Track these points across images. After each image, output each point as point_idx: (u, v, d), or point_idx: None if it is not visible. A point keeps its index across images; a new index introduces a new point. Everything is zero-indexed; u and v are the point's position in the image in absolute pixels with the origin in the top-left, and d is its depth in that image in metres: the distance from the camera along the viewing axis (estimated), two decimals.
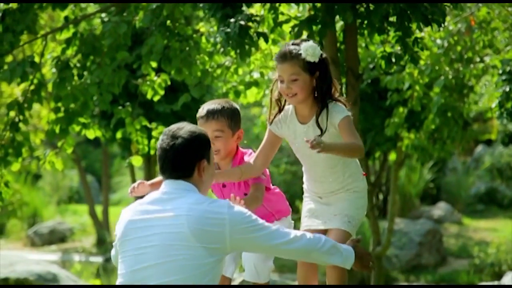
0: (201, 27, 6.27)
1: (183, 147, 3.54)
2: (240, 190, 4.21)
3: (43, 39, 6.31)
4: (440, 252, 14.25)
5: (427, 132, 8.25)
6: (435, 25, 5.13)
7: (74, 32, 6.15)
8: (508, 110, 6.83)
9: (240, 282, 5.82)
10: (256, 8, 5.90)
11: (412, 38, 5.19)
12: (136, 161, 6.31)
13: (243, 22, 4.98)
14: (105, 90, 6.02)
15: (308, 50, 3.93)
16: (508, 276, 9.27)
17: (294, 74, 3.95)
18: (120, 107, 6.46)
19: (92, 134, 6.38)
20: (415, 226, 14.36)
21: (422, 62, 7.32)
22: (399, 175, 15.15)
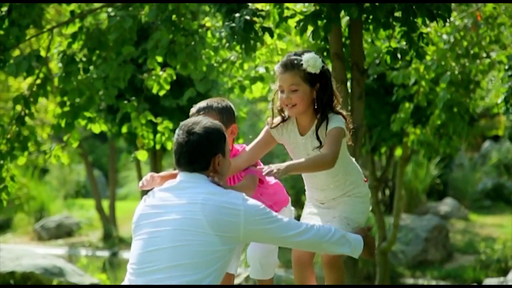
0: (206, 21, 6.27)
1: (198, 143, 3.63)
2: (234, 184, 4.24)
3: (49, 33, 6.32)
4: (447, 248, 14.23)
5: (433, 128, 8.24)
6: (440, 20, 5.12)
7: (80, 27, 6.16)
8: None
9: (245, 277, 5.84)
10: (262, 3, 5.90)
11: (417, 33, 5.18)
12: (141, 155, 6.32)
13: (248, 17, 4.98)
14: (110, 84, 6.03)
15: (309, 61, 3.92)
16: None
17: (294, 84, 3.94)
18: (125, 102, 6.47)
19: (97, 128, 6.40)
20: (421, 221, 14.34)
21: (428, 57, 7.31)
22: (406, 171, 15.15)
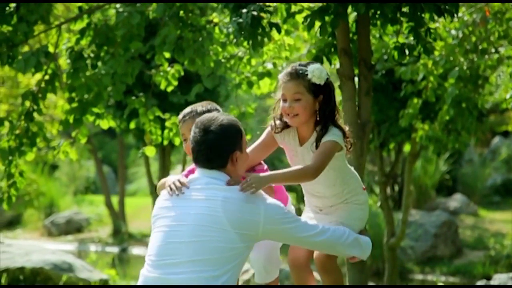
0: (214, 17, 6.27)
1: (215, 142, 3.66)
2: None
3: (58, 30, 6.33)
4: (456, 244, 14.21)
5: (441, 123, 8.21)
6: (448, 15, 5.11)
7: (88, 23, 6.17)
8: None
9: (253, 274, 5.84)
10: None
11: (424, 28, 5.17)
12: (149, 151, 6.33)
13: (255, 13, 4.97)
14: (118, 80, 6.04)
15: (314, 71, 3.91)
16: None
17: (298, 93, 3.93)
18: (133, 98, 6.48)
19: (106, 124, 6.41)
20: (430, 217, 14.32)
21: (436, 53, 7.29)
22: (415, 167, 15.13)
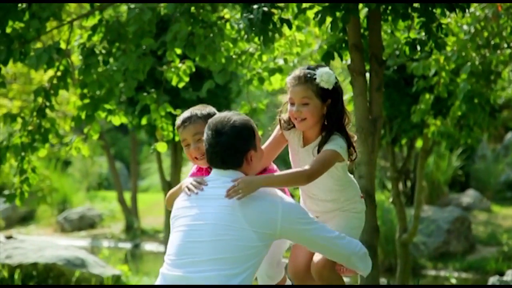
0: (225, 13, 6.27)
1: (229, 144, 3.67)
2: None
3: (69, 26, 6.36)
4: (469, 240, 14.17)
5: (453, 119, 8.19)
6: (460, 11, 5.10)
7: (99, 19, 6.18)
8: None
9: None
10: None
11: (435, 23, 5.16)
12: (161, 147, 6.34)
13: (266, 8, 4.97)
14: (130, 76, 6.05)
15: (323, 75, 3.87)
16: None
17: (306, 97, 3.90)
18: (145, 94, 6.50)
19: (117, 120, 6.42)
20: (443, 213, 14.29)
21: (448, 48, 7.27)
22: (428, 162, 15.09)
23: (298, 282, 4.20)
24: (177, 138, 6.54)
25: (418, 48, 5.44)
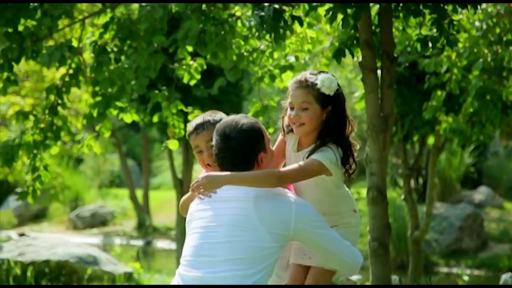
0: (236, 11, 6.27)
1: (238, 148, 3.68)
2: None
3: (81, 24, 6.37)
4: (481, 237, 14.14)
5: (465, 116, 8.17)
6: (471, 7, 5.08)
7: (111, 17, 6.20)
8: None
9: None
10: None
11: (447, 20, 5.14)
12: (172, 145, 6.35)
13: (277, 6, 4.97)
14: (141, 74, 6.06)
15: (325, 81, 3.78)
16: None
17: (306, 102, 3.79)
18: (156, 91, 6.51)
19: (129, 118, 6.44)
20: (455, 210, 14.27)
21: (460, 44, 7.25)
22: (440, 159, 15.06)
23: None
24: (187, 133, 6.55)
25: (430, 44, 5.42)
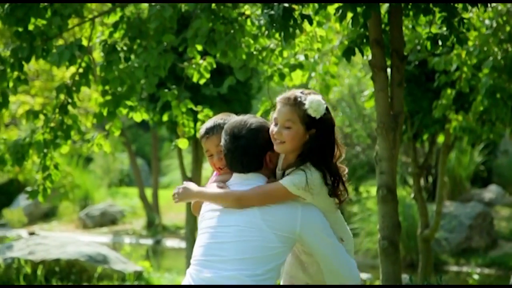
0: (246, 9, 6.27)
1: (247, 148, 3.69)
2: None
3: (91, 23, 6.39)
4: (491, 235, 14.11)
5: (475, 114, 8.15)
6: (481, 5, 5.08)
7: (121, 16, 6.21)
8: None
9: None
10: None
11: (457, 18, 5.13)
12: (182, 143, 6.36)
13: (287, 4, 4.97)
14: (151, 73, 6.06)
15: (312, 103, 3.64)
16: None
17: (290, 120, 3.65)
18: (166, 90, 6.52)
19: (139, 117, 6.45)
20: (465, 209, 14.24)
21: (470, 43, 7.23)
22: (449, 158, 15.01)
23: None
24: (198, 135, 6.56)
25: (440, 43, 5.42)
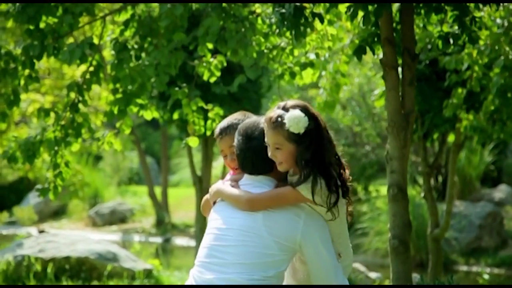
0: (257, 8, 6.27)
1: (259, 149, 3.68)
2: None
3: (102, 21, 6.40)
4: (501, 235, 14.07)
5: (486, 113, 8.12)
6: (493, 4, 5.06)
7: (132, 14, 6.22)
8: None
9: None
10: None
11: (469, 17, 5.12)
12: (192, 142, 6.36)
13: (298, 3, 4.96)
14: (162, 71, 6.07)
15: (291, 121, 3.60)
16: None
17: (277, 143, 3.63)
18: (177, 88, 6.52)
19: (149, 115, 6.45)
20: (475, 208, 14.20)
21: (481, 42, 7.21)
22: (459, 157, 14.98)
23: None
24: (208, 133, 6.57)
25: (451, 41, 5.40)
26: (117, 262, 9.69)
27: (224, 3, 5.91)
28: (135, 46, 6.14)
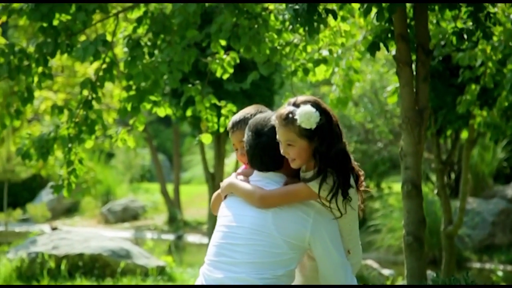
0: (270, 4, 6.26)
1: (268, 145, 3.64)
2: None
3: (115, 18, 6.40)
4: None
5: (500, 110, 8.09)
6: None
7: (144, 11, 6.22)
8: None
9: None
10: None
11: (484, 13, 5.09)
12: (205, 138, 6.36)
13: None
14: (175, 68, 6.07)
15: (302, 117, 3.56)
16: None
17: (289, 140, 3.59)
18: (190, 85, 6.52)
19: (162, 112, 6.46)
20: (488, 205, 14.16)
21: (495, 38, 7.17)
22: (472, 154, 14.93)
23: None
24: (221, 130, 6.57)
25: (466, 37, 5.38)
26: (130, 259, 9.71)
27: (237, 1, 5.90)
28: (148, 43, 6.14)
